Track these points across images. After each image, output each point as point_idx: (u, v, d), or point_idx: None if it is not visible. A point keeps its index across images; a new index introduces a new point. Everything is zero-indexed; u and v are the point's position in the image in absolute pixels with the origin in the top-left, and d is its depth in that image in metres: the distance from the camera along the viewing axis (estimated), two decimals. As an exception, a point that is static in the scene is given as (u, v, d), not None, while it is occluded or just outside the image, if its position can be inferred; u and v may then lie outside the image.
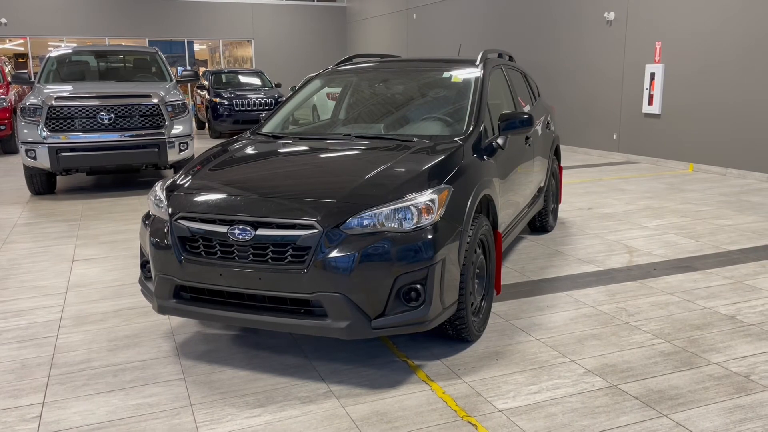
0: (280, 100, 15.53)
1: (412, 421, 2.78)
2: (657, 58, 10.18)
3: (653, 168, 10.15)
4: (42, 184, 8.24)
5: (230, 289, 3.12)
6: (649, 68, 10.27)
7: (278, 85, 16.90)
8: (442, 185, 3.26)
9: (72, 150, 7.86)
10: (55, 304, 4.33)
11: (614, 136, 11.28)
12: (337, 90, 5.22)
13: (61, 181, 9.32)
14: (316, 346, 3.55)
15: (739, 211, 6.85)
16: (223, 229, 3.11)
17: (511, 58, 5.65)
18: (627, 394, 2.98)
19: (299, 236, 2.99)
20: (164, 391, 3.09)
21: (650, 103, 10.32)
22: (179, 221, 3.23)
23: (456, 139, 3.81)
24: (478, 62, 4.58)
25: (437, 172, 3.36)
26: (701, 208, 7.04)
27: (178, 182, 3.54)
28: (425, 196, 3.13)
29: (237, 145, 4.11)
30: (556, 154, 6.15)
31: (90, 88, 8.43)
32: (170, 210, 3.30)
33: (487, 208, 3.83)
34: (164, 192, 3.47)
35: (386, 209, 3.05)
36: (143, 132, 8.15)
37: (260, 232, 3.05)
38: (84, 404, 2.97)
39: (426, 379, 3.17)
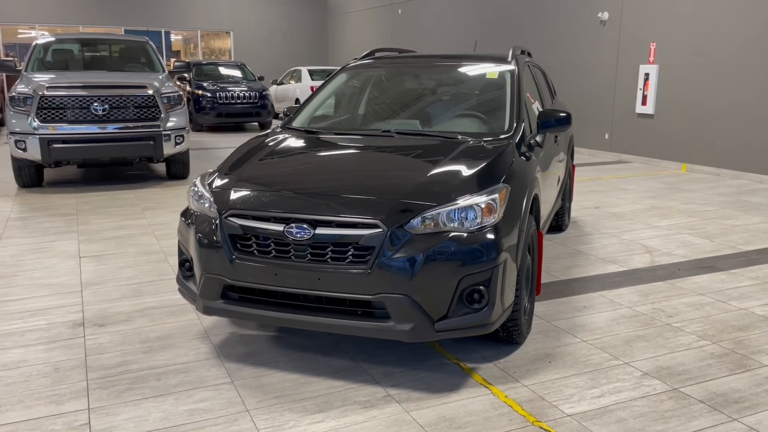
0: (264, 93, 15.27)
1: (482, 427, 2.70)
2: (651, 59, 10.29)
3: (646, 168, 10.26)
4: (30, 177, 7.91)
5: (285, 290, 2.99)
6: (644, 68, 10.37)
7: (261, 78, 16.61)
8: (500, 184, 3.18)
9: (64, 141, 7.57)
10: (73, 303, 4.13)
11: (606, 136, 11.38)
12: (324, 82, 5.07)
13: (48, 173, 8.98)
14: (360, 348, 3.45)
15: (743, 211, 6.94)
16: (279, 227, 2.97)
17: (530, 56, 5.60)
18: (691, 397, 2.96)
19: (362, 235, 2.88)
20: (215, 396, 2.95)
21: (644, 103, 10.43)
22: (230, 219, 3.09)
23: (502, 136, 3.74)
24: (509, 58, 4.51)
25: (494, 171, 3.28)
26: (705, 208, 7.12)
27: (221, 177, 3.39)
28: (487, 196, 3.05)
29: (275, 140, 3.94)
30: (571, 152, 6.14)
31: (82, 77, 8.09)
32: (218, 207, 3.15)
33: (532, 207, 3.77)
34: (207, 188, 3.31)
35: (449, 208, 2.96)
36: (138, 124, 7.89)
37: (320, 231, 2.92)
38: (133, 410, 2.82)
39: (484, 382, 3.09)
